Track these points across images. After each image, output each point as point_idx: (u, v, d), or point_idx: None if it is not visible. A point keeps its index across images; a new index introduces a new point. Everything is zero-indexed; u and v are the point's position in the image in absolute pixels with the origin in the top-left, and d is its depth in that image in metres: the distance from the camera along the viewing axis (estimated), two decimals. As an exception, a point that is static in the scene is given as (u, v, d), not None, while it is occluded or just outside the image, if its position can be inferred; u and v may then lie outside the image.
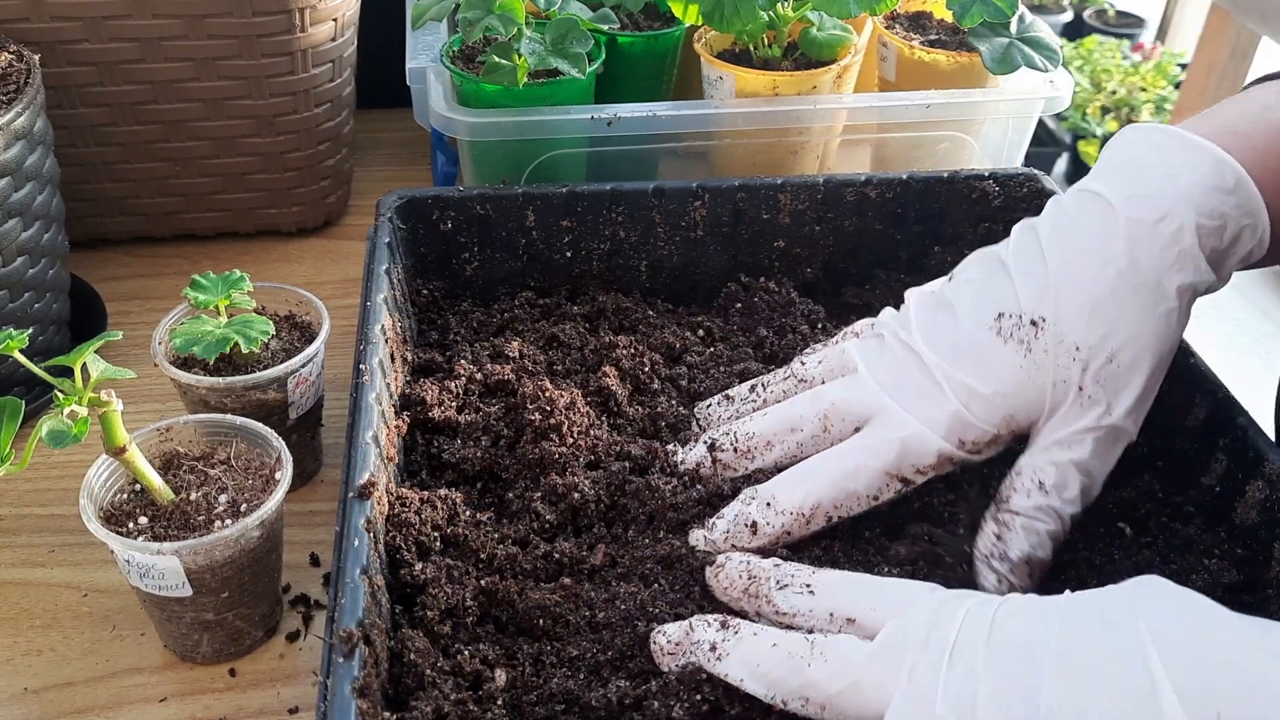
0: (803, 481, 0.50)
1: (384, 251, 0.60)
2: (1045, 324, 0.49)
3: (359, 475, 0.47)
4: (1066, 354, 0.48)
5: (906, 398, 0.51)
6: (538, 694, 0.45)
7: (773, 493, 0.50)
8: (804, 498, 0.50)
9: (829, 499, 0.50)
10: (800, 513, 0.50)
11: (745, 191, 0.66)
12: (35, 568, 0.58)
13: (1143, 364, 0.48)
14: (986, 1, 0.74)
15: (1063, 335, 0.48)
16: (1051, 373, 0.48)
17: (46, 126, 0.65)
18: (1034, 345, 0.49)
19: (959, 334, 0.51)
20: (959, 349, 0.50)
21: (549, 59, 0.69)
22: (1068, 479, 0.49)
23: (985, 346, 0.50)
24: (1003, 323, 0.50)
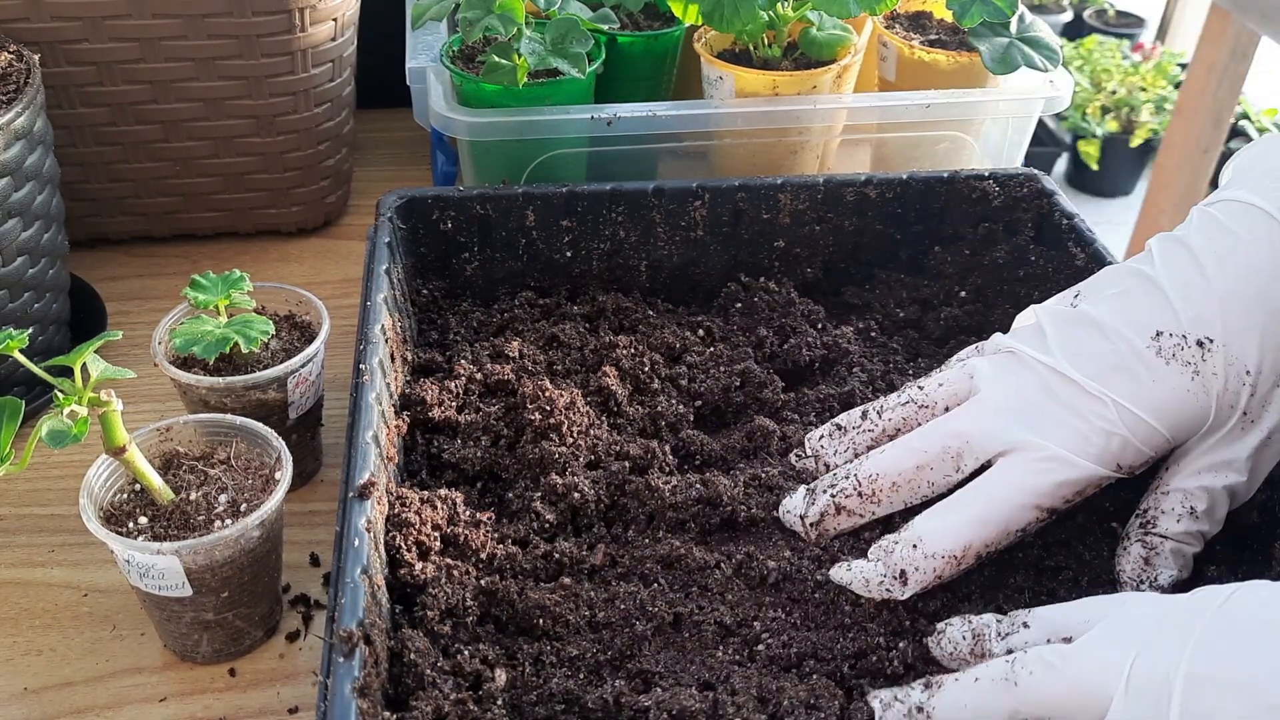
0: (952, 523, 0.47)
1: (384, 251, 0.60)
2: (1213, 346, 0.46)
3: (359, 475, 0.47)
4: (1237, 378, 0.46)
5: (1047, 422, 0.47)
6: (538, 694, 0.45)
7: (920, 536, 0.47)
8: (954, 540, 0.47)
9: (980, 539, 0.47)
10: (952, 556, 0.47)
11: (745, 191, 0.66)
12: (35, 567, 0.58)
13: None
14: (986, 1, 0.74)
15: (1233, 358, 0.46)
16: (1219, 396, 0.46)
17: (46, 126, 0.65)
18: (1202, 368, 0.46)
19: (1110, 353, 0.47)
20: (1112, 368, 0.47)
21: (549, 59, 0.68)
22: (1218, 504, 0.48)
23: (1144, 366, 0.46)
24: (1162, 342, 0.46)
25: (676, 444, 0.57)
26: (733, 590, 0.49)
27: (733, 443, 0.58)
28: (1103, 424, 0.46)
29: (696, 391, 0.61)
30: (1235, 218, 0.47)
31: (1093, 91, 2.68)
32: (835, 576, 0.49)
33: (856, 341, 0.65)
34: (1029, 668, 0.40)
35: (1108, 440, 0.46)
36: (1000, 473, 0.48)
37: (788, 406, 0.60)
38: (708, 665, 0.46)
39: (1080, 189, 2.73)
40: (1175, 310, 0.47)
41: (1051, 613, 0.43)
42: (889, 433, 0.53)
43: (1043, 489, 0.47)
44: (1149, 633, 0.39)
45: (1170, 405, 0.46)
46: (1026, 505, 0.47)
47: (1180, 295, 0.47)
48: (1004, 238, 0.68)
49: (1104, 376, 0.47)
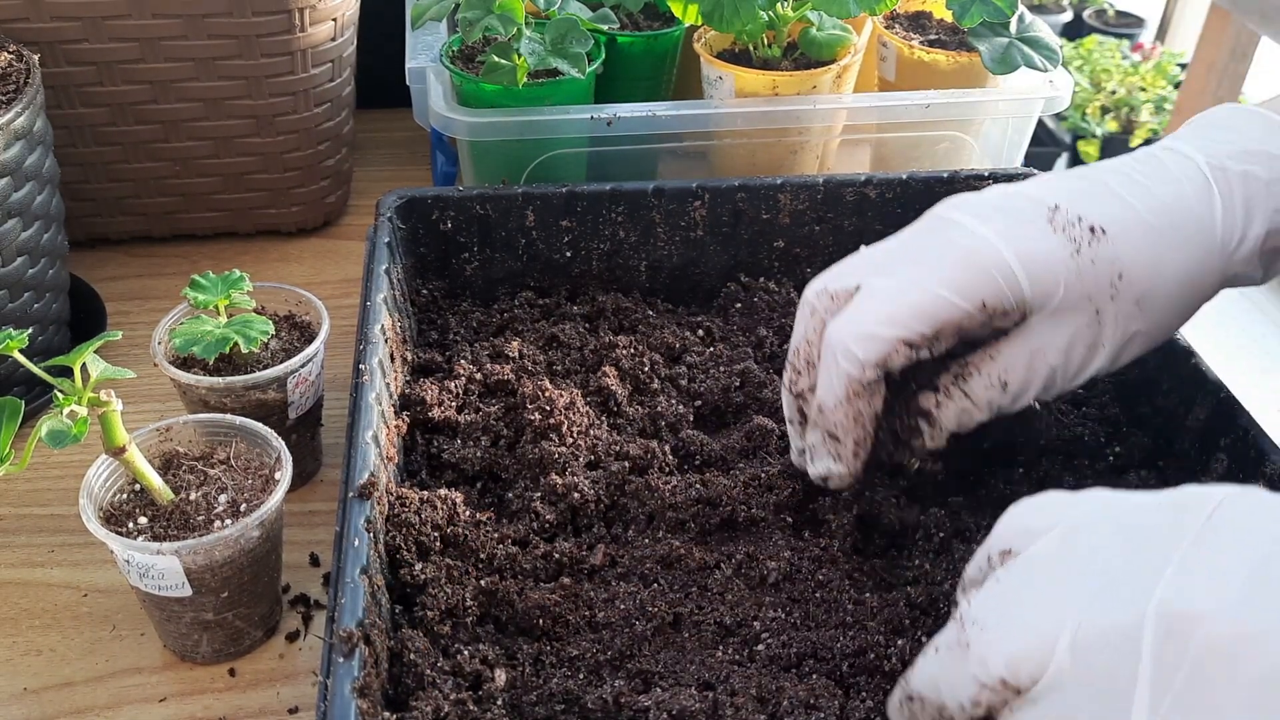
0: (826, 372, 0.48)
1: (384, 251, 0.60)
2: (1104, 237, 0.47)
3: (359, 475, 0.47)
4: (1109, 274, 0.47)
5: (919, 252, 0.48)
6: (537, 694, 0.45)
7: (819, 401, 0.49)
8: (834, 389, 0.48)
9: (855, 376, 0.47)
10: (839, 402, 0.48)
11: (745, 191, 0.66)
12: (35, 568, 0.58)
13: (1166, 321, 0.48)
14: (986, 1, 0.74)
15: (1115, 257, 0.47)
16: (1084, 284, 0.47)
17: (46, 126, 0.65)
18: (1084, 250, 0.47)
19: (1002, 207, 0.48)
20: (998, 215, 0.47)
21: (549, 59, 0.69)
22: (1031, 385, 0.48)
23: (1031, 224, 0.47)
24: (1057, 216, 0.47)
25: (676, 444, 0.57)
26: (732, 590, 0.49)
27: (732, 443, 0.58)
28: (969, 256, 0.46)
29: (696, 391, 0.61)
30: (1170, 155, 0.49)
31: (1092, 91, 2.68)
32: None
33: (856, 341, 0.64)
34: (978, 622, 0.36)
35: (974, 272, 0.46)
36: (851, 306, 0.48)
37: (787, 406, 0.60)
38: (707, 665, 0.46)
39: (1080, 189, 2.72)
40: (1082, 197, 0.48)
41: (991, 535, 0.39)
42: None
43: (894, 319, 0.46)
44: (1113, 558, 0.34)
45: (1042, 265, 0.46)
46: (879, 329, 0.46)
47: (1092, 189, 0.48)
48: (1004, 238, 0.68)
49: (988, 221, 0.47)
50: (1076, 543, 0.36)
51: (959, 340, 0.48)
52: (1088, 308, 0.47)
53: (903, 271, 0.48)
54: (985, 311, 0.47)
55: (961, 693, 0.36)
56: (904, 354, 0.47)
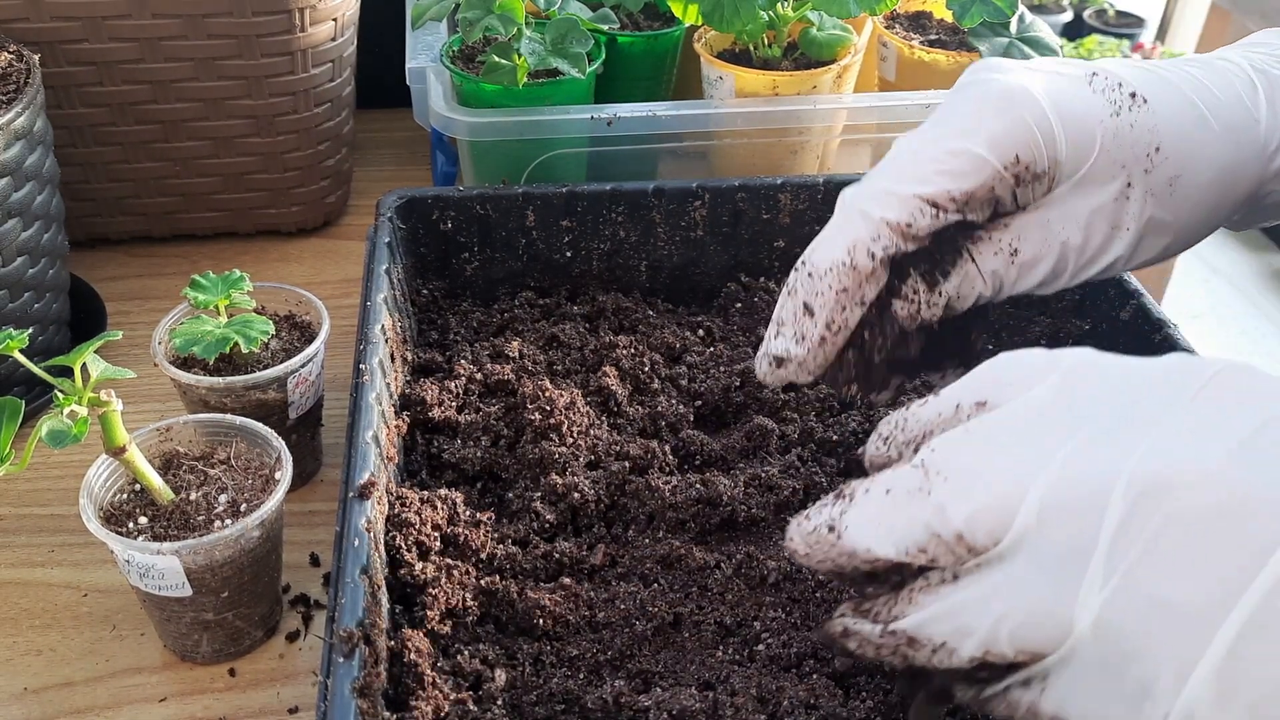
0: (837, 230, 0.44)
1: (384, 251, 0.60)
2: (1145, 105, 0.44)
3: (359, 475, 0.47)
4: (1144, 145, 0.44)
5: (943, 112, 0.44)
6: (538, 694, 0.45)
7: (808, 254, 0.45)
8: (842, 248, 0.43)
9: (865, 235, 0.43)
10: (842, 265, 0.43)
11: (745, 191, 0.66)
12: (35, 567, 0.58)
13: (1191, 218, 0.45)
14: (986, 1, 0.74)
15: (1155, 127, 0.44)
16: (1120, 150, 0.44)
17: (46, 126, 0.65)
18: (1124, 113, 0.44)
19: (1041, 65, 0.45)
20: (1034, 70, 0.44)
21: (549, 59, 0.69)
22: (1043, 259, 0.45)
23: (1070, 80, 0.44)
24: (1096, 80, 0.44)
25: (676, 444, 0.57)
26: (732, 590, 0.49)
27: (732, 442, 0.58)
28: (1005, 98, 0.43)
29: (696, 391, 0.61)
30: (1217, 60, 0.47)
31: (1093, 91, 2.67)
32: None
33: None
34: (941, 470, 0.33)
35: (1007, 117, 0.42)
36: (872, 170, 0.45)
37: (788, 406, 0.60)
38: (707, 665, 0.46)
39: (1080, 189, 2.72)
40: (1124, 69, 0.45)
41: (962, 381, 0.37)
42: None
43: (927, 177, 0.42)
44: (1090, 420, 0.32)
45: (1079, 118, 0.43)
46: (908, 189, 0.43)
47: (1135, 67, 0.45)
48: (1004, 238, 0.68)
49: (1022, 74, 0.44)
50: (1057, 399, 0.33)
51: (989, 210, 0.44)
52: (1119, 177, 0.44)
53: (930, 128, 0.44)
54: (1017, 168, 0.43)
55: (906, 539, 0.34)
56: (928, 217, 0.42)
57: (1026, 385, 0.34)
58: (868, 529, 0.35)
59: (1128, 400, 0.32)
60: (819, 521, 0.37)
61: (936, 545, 0.33)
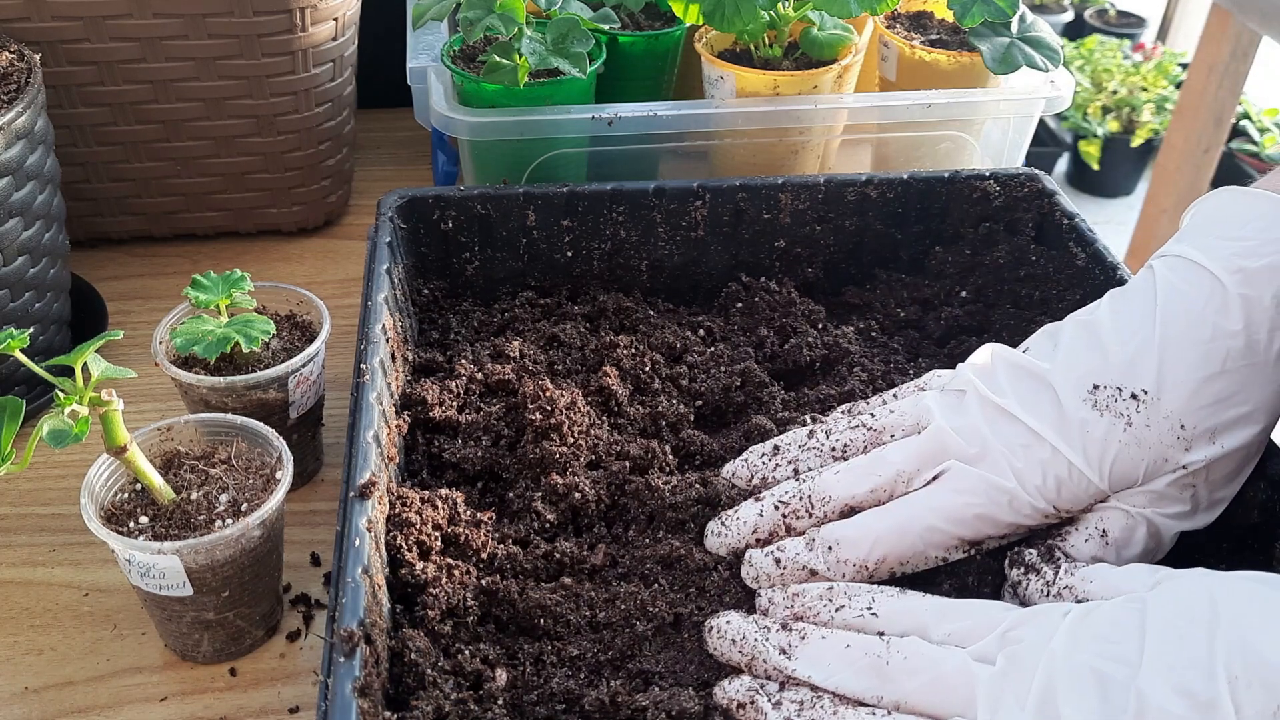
0: (871, 533, 0.47)
1: (385, 251, 0.60)
2: (1147, 398, 0.46)
3: (360, 475, 0.47)
4: (1171, 431, 0.46)
5: (988, 453, 0.47)
6: (538, 694, 0.45)
7: (836, 538, 0.48)
8: (870, 550, 0.47)
9: (895, 555, 0.47)
10: (864, 565, 0.47)
11: (746, 191, 0.66)
12: (36, 567, 0.58)
13: (1247, 448, 0.47)
14: (987, 1, 0.74)
15: (1168, 411, 0.46)
16: (1152, 449, 0.46)
17: (47, 126, 0.65)
18: (1134, 419, 0.46)
19: (1050, 403, 0.48)
20: (1052, 416, 0.47)
21: (550, 59, 0.69)
22: (1133, 538, 0.47)
23: (1080, 419, 0.47)
24: (1099, 395, 0.47)
25: (677, 444, 0.57)
26: (732, 591, 0.49)
27: (732, 443, 0.57)
28: (1040, 465, 0.47)
29: (697, 391, 0.61)
30: (1181, 274, 0.48)
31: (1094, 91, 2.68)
32: (744, 572, 0.49)
33: (857, 341, 0.65)
34: (902, 652, 0.41)
35: (1044, 479, 0.47)
36: (929, 491, 0.48)
37: (788, 406, 0.60)
38: (707, 665, 0.46)
39: (1081, 189, 2.73)
40: (1112, 362, 0.47)
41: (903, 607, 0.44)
42: (836, 454, 0.52)
43: (964, 517, 0.47)
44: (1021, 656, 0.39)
45: (1105, 456, 0.47)
46: (946, 530, 0.47)
47: (1119, 347, 0.47)
48: (1005, 238, 0.68)
49: (1044, 424, 0.47)
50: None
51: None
52: (1164, 470, 0.47)
53: (985, 466, 0.47)
54: (1068, 512, 0.48)
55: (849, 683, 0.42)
56: (966, 551, 0.48)
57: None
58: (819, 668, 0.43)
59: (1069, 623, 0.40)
60: (770, 642, 0.44)
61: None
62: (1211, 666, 0.36)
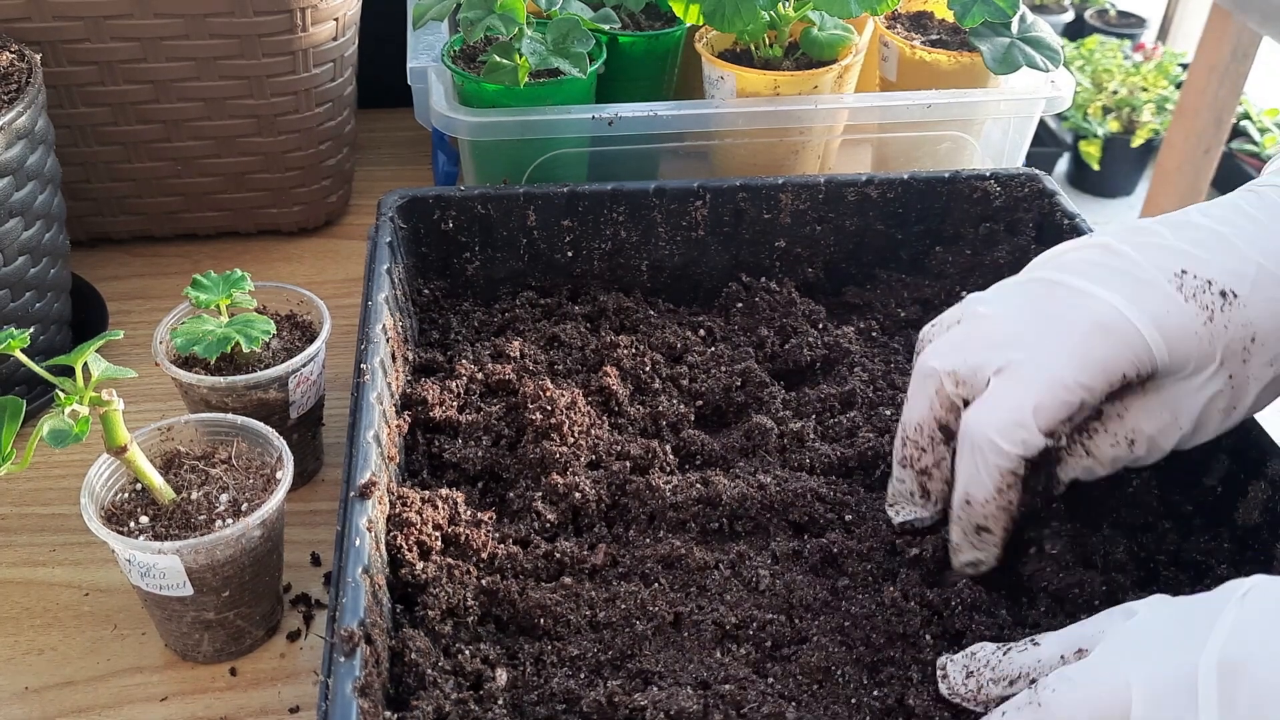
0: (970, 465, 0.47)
1: (385, 251, 0.60)
2: (1236, 301, 0.46)
3: (360, 475, 0.47)
4: (1241, 340, 0.46)
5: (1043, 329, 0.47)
6: (538, 693, 0.45)
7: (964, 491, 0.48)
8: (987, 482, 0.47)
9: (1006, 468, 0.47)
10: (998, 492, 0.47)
11: (746, 191, 0.66)
12: (36, 567, 0.58)
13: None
14: (988, 2, 0.74)
15: (1250, 320, 0.46)
16: (1217, 350, 0.46)
17: (48, 126, 0.65)
18: (1217, 316, 0.46)
19: (1127, 273, 0.46)
20: (1124, 283, 0.46)
21: (550, 59, 0.69)
22: (1158, 448, 0.48)
23: (1160, 293, 0.46)
24: (1185, 281, 0.46)
25: (677, 444, 0.57)
26: (732, 590, 0.49)
27: (733, 442, 0.58)
28: (1098, 328, 0.46)
29: (697, 391, 0.61)
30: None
31: (1094, 91, 2.68)
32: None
33: (858, 341, 0.65)
34: (1050, 686, 0.39)
35: (1103, 346, 0.45)
36: (985, 399, 0.47)
37: (788, 406, 0.60)
38: (707, 665, 0.46)
39: (1081, 189, 2.73)
40: (1203, 256, 0.46)
41: (1061, 634, 0.43)
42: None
43: (1034, 412, 0.46)
44: (1168, 632, 0.38)
45: (1175, 334, 0.45)
46: (1019, 425, 0.46)
47: (1210, 243, 0.47)
48: (1005, 238, 0.68)
49: (1113, 287, 0.46)
50: (1129, 629, 0.39)
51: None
52: (1222, 373, 0.47)
53: (1037, 355, 0.46)
54: (1123, 382, 0.46)
55: None
56: (1049, 444, 0.47)
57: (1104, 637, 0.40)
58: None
59: (1185, 616, 0.38)
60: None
61: None
62: None
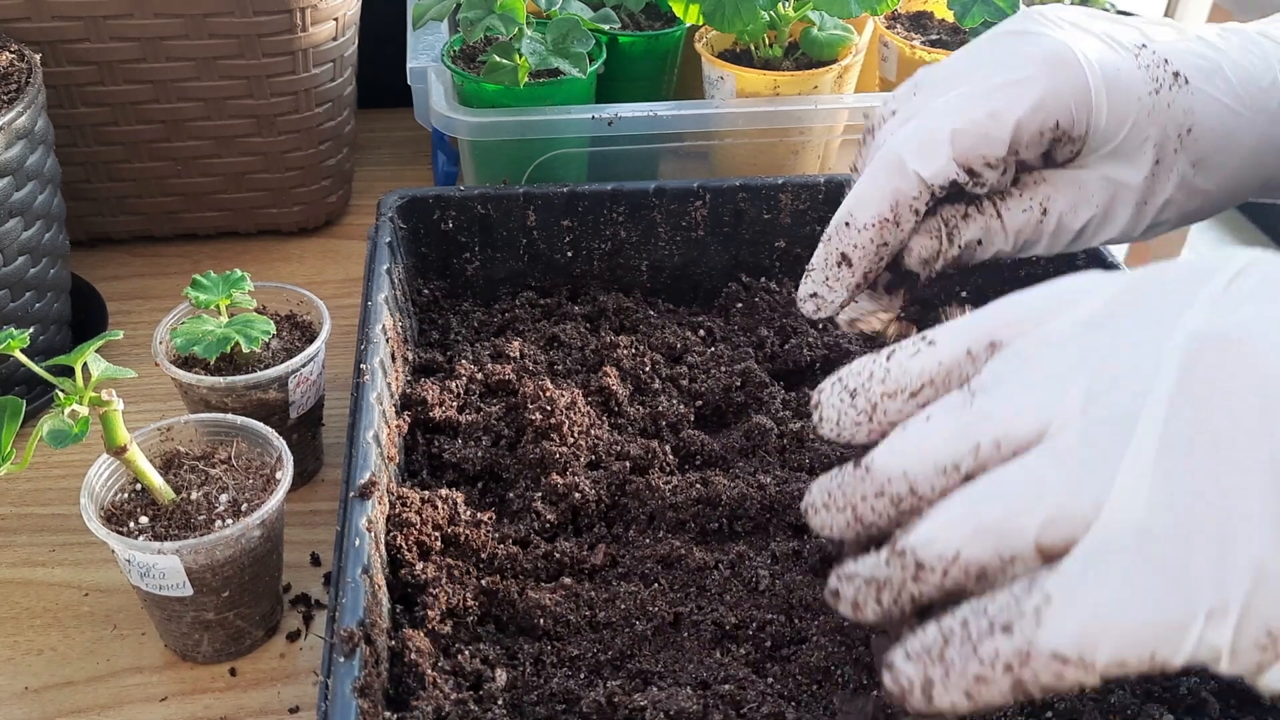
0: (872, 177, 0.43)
1: (385, 251, 0.60)
2: (1186, 87, 0.44)
3: (360, 475, 0.47)
4: (1177, 128, 0.44)
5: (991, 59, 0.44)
6: (538, 694, 0.45)
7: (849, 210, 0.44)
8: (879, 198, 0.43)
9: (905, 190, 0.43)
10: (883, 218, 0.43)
11: (746, 191, 0.66)
12: (36, 567, 0.58)
13: (1209, 200, 0.45)
14: (988, 2, 0.74)
15: (1192, 109, 0.44)
16: (1153, 128, 0.44)
17: (47, 126, 0.65)
18: (1164, 92, 0.44)
19: (1089, 26, 0.44)
20: (1082, 31, 0.44)
21: (550, 59, 0.69)
22: (1066, 226, 0.45)
23: (1118, 51, 0.44)
24: (1143, 54, 0.44)
25: (677, 444, 0.57)
26: (732, 590, 0.49)
27: (733, 442, 0.58)
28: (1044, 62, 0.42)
29: (697, 391, 0.61)
30: (1269, 48, 0.46)
31: (1094, 91, 2.67)
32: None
33: (857, 342, 0.65)
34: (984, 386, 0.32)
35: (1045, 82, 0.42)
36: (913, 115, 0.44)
37: (788, 406, 0.60)
38: (706, 665, 0.46)
39: (1081, 189, 2.72)
40: (1174, 42, 0.45)
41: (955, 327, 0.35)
42: None
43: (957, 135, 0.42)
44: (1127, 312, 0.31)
45: (1118, 88, 0.43)
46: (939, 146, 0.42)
47: (1182, 36, 0.45)
48: (1005, 238, 0.68)
49: (1066, 32, 0.43)
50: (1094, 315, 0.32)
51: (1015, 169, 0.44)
52: (1149, 154, 0.44)
53: (975, 79, 0.43)
54: (1056, 133, 0.43)
55: (944, 454, 0.32)
56: (960, 178, 0.43)
57: (1046, 319, 0.33)
58: (901, 455, 0.33)
59: (1161, 291, 0.31)
60: (843, 470, 0.34)
61: (973, 458, 0.31)
62: None
